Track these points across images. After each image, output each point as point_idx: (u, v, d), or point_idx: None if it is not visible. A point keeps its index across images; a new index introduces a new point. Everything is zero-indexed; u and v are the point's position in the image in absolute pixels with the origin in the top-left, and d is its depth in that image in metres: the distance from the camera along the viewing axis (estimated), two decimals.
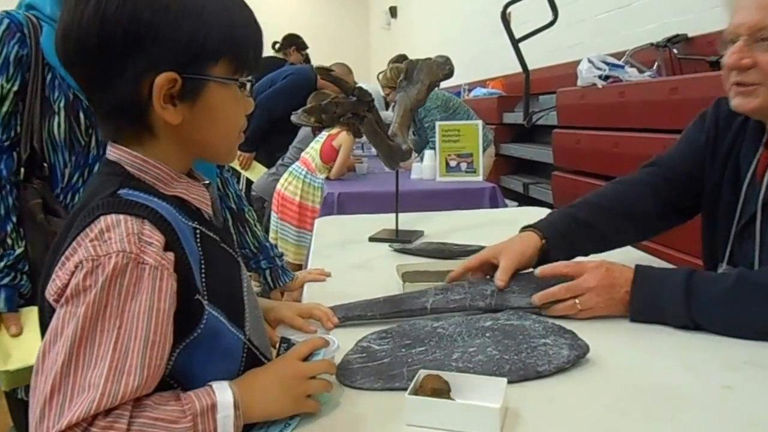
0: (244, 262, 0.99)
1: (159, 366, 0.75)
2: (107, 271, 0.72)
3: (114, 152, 0.85)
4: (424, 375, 0.93)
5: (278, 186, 4.02)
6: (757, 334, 1.11)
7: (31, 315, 1.33)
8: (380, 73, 4.75)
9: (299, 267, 3.67)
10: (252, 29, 0.87)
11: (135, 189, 0.82)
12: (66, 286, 0.74)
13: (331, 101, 1.54)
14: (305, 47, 5.89)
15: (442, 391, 0.90)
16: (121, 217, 0.77)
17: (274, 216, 4.00)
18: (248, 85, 0.89)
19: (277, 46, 5.68)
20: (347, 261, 1.76)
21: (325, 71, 1.54)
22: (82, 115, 1.36)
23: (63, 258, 0.76)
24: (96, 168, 1.36)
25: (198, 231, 0.85)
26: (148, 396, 0.74)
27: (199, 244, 0.84)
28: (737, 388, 0.96)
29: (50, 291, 0.76)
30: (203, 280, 0.83)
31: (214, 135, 0.87)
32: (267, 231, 3.97)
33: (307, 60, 6.42)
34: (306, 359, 0.92)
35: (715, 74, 3.13)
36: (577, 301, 1.22)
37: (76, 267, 0.74)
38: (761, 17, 1.19)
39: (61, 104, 1.35)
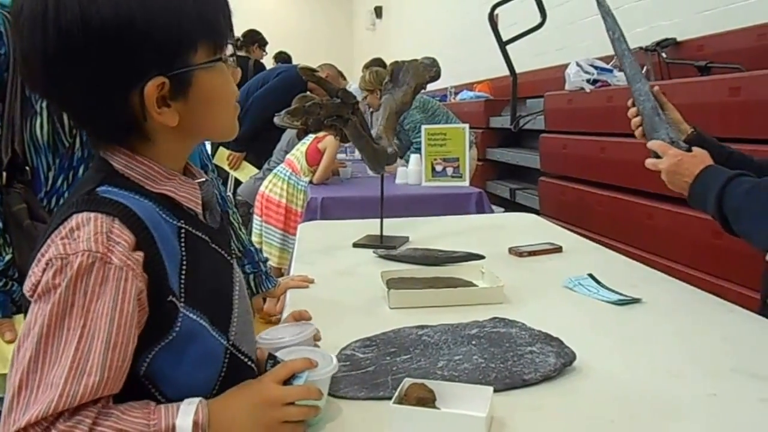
0: None
1: (120, 368, 0.73)
2: (73, 270, 0.71)
3: (107, 151, 0.82)
4: (409, 384, 0.91)
5: (261, 188, 3.97)
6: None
7: (19, 322, 1.30)
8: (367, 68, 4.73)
9: (282, 272, 3.65)
10: (215, 2, 0.82)
11: (117, 186, 0.79)
12: (38, 283, 0.73)
13: (314, 103, 1.52)
14: (266, 43, 5.97)
15: (427, 400, 0.89)
16: (92, 215, 0.75)
17: (257, 219, 3.94)
18: (232, 58, 0.86)
19: (239, 43, 5.65)
20: (331, 267, 1.74)
21: (309, 72, 1.52)
22: (65, 116, 1.33)
23: (39, 255, 0.76)
24: (80, 170, 1.33)
25: (183, 230, 0.83)
26: (117, 404, 0.73)
27: (182, 244, 0.82)
28: (723, 395, 0.95)
29: (26, 287, 0.75)
30: (182, 281, 0.80)
31: (215, 117, 0.85)
32: (250, 235, 3.92)
33: (287, 60, 6.44)
34: (288, 381, 0.84)
35: (703, 79, 3.15)
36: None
37: (47, 264, 0.73)
38: None
39: (44, 104, 1.31)
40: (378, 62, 5.50)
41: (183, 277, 0.80)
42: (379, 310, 1.37)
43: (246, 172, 4.72)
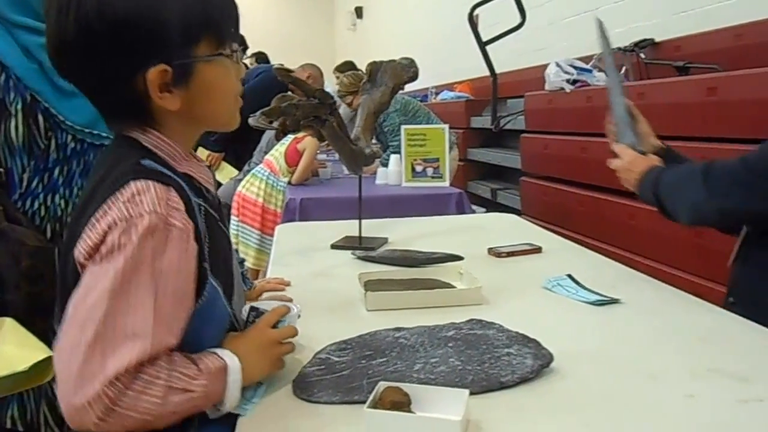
0: None
1: (185, 319, 0.84)
2: (141, 230, 0.79)
3: (129, 131, 0.92)
4: (383, 387, 0.90)
5: (239, 188, 3.92)
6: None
7: (2, 325, 1.26)
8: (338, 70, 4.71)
9: (257, 274, 3.61)
10: (223, 2, 0.92)
11: (155, 162, 0.88)
12: (98, 244, 0.80)
13: (291, 103, 1.50)
14: (247, 47, 5.99)
15: (402, 404, 0.87)
16: (150, 182, 0.83)
17: (234, 219, 3.87)
18: (236, 54, 0.94)
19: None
20: (308, 269, 1.71)
21: (285, 72, 1.49)
22: (41, 118, 1.29)
23: (93, 220, 0.81)
24: (56, 172, 1.30)
25: (203, 207, 0.92)
26: (173, 353, 0.82)
27: (203, 219, 0.91)
28: (700, 396, 0.95)
29: (80, 250, 0.82)
30: (207, 251, 0.90)
31: (214, 107, 0.94)
32: None
33: (266, 60, 6.42)
34: (274, 326, 0.99)
35: (681, 79, 3.16)
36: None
37: (109, 226, 0.80)
38: None
39: (18, 106, 1.28)
40: (350, 65, 5.49)
41: (207, 248, 0.90)
42: (356, 313, 1.35)
43: (225, 173, 4.68)
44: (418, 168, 3.48)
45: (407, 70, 1.92)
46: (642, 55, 3.80)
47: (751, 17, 3.14)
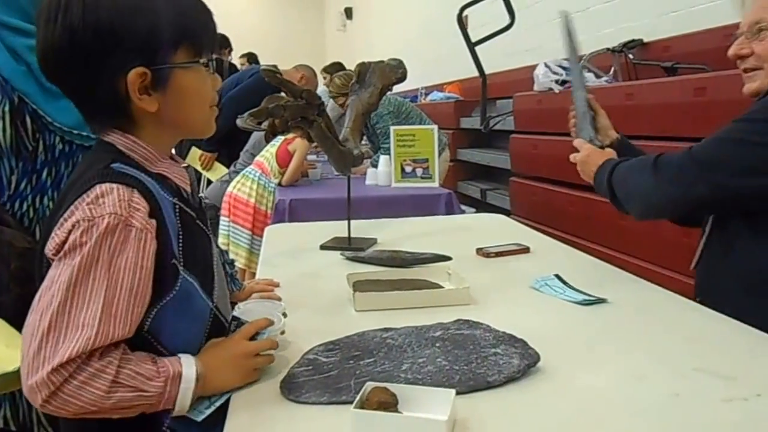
0: None
1: (139, 314, 0.89)
2: (100, 230, 0.86)
3: (108, 135, 0.98)
4: (371, 388, 0.90)
5: (230, 188, 3.90)
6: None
7: None
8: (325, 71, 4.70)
9: (244, 274, 3.60)
10: (200, 14, 0.99)
11: (126, 164, 0.95)
12: (64, 242, 0.87)
13: (278, 104, 1.49)
14: (232, 49, 6.20)
15: (388, 404, 0.87)
16: (114, 185, 0.90)
17: (224, 219, 3.86)
18: (211, 64, 1.02)
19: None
20: (297, 270, 1.71)
21: (272, 73, 1.49)
22: (28, 120, 1.29)
23: (61, 219, 0.89)
24: (44, 174, 1.30)
25: (177, 206, 0.98)
26: (131, 352, 0.89)
27: (177, 217, 0.97)
28: (685, 395, 0.95)
29: (49, 247, 0.89)
30: (180, 247, 0.96)
31: (189, 113, 1.01)
32: (218, 237, 3.85)
33: (255, 60, 6.43)
34: (253, 338, 1.04)
35: (669, 80, 3.18)
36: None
37: (73, 226, 0.87)
38: (759, 15, 1.42)
39: (6, 108, 1.27)
40: (338, 66, 5.49)
41: (181, 244, 0.96)
42: (345, 313, 1.35)
43: (218, 173, 4.68)
44: (408, 168, 3.49)
45: (396, 71, 1.92)
46: (631, 56, 3.81)
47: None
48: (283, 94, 1.60)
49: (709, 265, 1.49)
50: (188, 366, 0.92)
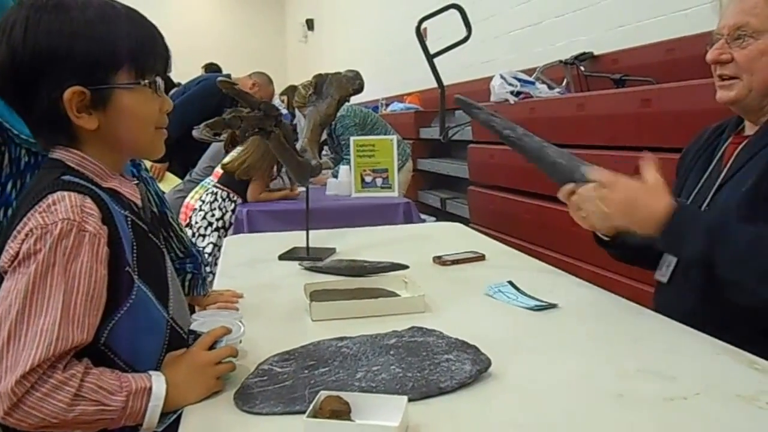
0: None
1: (96, 319, 0.90)
2: (54, 235, 0.87)
3: (57, 152, 0.99)
4: (324, 396, 0.91)
5: (187, 198, 3.87)
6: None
7: None
8: (282, 94, 4.69)
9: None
10: (146, 38, 1.01)
11: (77, 177, 0.96)
12: (18, 252, 0.88)
13: (235, 116, 1.50)
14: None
15: (341, 412, 0.89)
16: (65, 193, 0.91)
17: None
18: (155, 85, 1.02)
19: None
20: (255, 281, 1.72)
21: (229, 84, 1.49)
22: None
23: (15, 232, 0.90)
24: (8, 186, 1.28)
25: (129, 219, 1.00)
26: (94, 366, 0.89)
27: (130, 229, 0.99)
28: (629, 396, 0.99)
29: (3, 260, 0.90)
30: (134, 257, 0.97)
31: (131, 133, 1.01)
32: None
33: (218, 70, 6.39)
34: (213, 347, 1.04)
35: (618, 91, 3.28)
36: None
37: (26, 235, 0.88)
38: (739, 19, 1.35)
39: None
40: (293, 89, 5.50)
41: (134, 254, 0.98)
42: (301, 323, 1.36)
43: (169, 183, 4.61)
44: (368, 178, 3.51)
45: (352, 82, 1.94)
46: (582, 68, 3.91)
47: (682, 32, 3.27)
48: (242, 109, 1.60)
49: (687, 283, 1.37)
50: (158, 382, 0.93)
